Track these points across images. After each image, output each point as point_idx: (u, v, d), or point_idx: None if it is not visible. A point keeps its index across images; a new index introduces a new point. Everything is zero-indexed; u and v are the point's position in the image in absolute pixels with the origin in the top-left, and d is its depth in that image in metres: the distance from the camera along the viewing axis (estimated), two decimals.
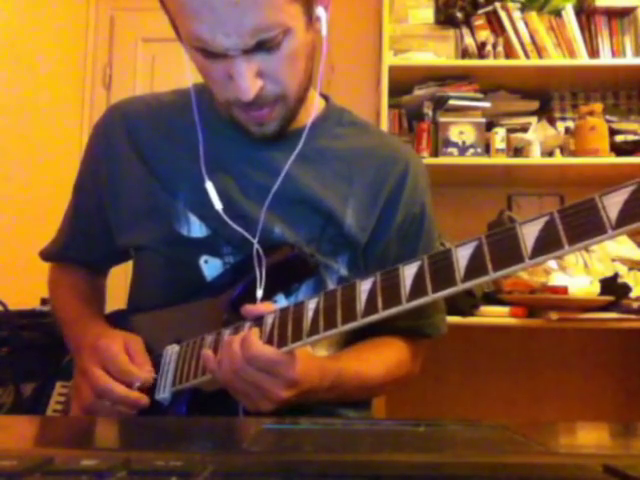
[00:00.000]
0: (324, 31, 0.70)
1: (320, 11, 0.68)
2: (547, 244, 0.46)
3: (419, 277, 0.51)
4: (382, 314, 0.52)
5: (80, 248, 0.86)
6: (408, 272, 0.52)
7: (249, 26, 0.60)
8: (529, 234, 0.47)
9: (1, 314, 1.16)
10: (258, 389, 0.59)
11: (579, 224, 0.45)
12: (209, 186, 0.72)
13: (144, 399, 0.64)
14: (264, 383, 0.58)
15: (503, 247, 0.48)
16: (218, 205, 0.72)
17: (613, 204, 0.44)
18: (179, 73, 0.72)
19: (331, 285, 0.74)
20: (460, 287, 0.49)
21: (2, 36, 1.89)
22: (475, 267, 0.48)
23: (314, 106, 0.78)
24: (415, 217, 0.80)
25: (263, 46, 0.62)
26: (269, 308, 0.63)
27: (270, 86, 0.67)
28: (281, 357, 0.58)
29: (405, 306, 0.51)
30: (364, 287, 0.55)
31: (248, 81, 0.64)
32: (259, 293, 0.68)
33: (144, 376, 0.65)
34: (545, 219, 0.46)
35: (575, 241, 0.45)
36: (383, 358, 0.76)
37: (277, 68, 0.65)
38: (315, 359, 0.65)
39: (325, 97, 0.84)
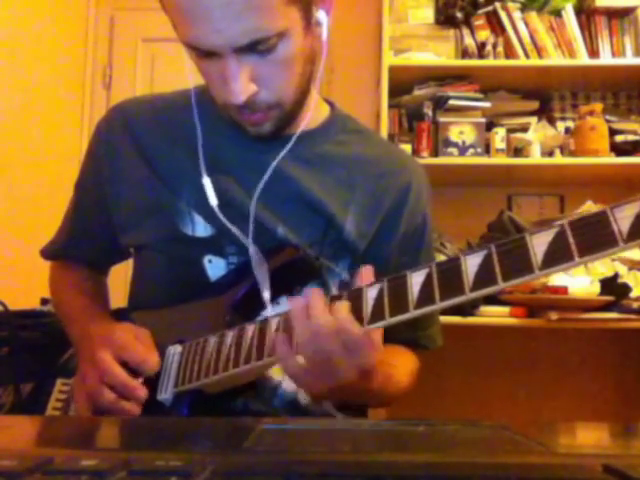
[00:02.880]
0: (324, 36, 0.68)
1: (321, 15, 0.67)
2: (558, 256, 0.45)
3: (427, 285, 0.51)
4: (389, 321, 0.52)
5: (82, 246, 0.86)
6: (416, 280, 0.52)
7: (242, 26, 0.58)
8: (539, 245, 0.46)
9: (1, 314, 1.16)
10: (330, 365, 0.54)
11: (590, 236, 0.44)
12: (206, 182, 0.72)
13: (142, 390, 0.64)
14: (340, 360, 0.54)
15: (513, 257, 0.47)
16: (213, 201, 0.71)
17: (625, 217, 0.43)
18: (179, 73, 0.72)
19: (333, 288, 0.74)
20: (468, 296, 0.48)
21: (2, 36, 1.88)
22: (484, 277, 0.48)
23: (316, 110, 0.78)
24: (417, 228, 0.80)
25: (256, 48, 0.61)
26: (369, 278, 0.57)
27: (264, 93, 0.65)
28: (367, 340, 0.54)
29: (413, 313, 0.51)
30: (371, 294, 0.54)
31: (240, 83, 0.62)
32: (266, 295, 0.67)
33: (152, 363, 0.65)
34: (556, 230, 0.46)
35: (586, 254, 0.44)
36: (407, 369, 0.76)
37: (272, 73, 0.64)
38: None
39: (330, 104, 0.84)
